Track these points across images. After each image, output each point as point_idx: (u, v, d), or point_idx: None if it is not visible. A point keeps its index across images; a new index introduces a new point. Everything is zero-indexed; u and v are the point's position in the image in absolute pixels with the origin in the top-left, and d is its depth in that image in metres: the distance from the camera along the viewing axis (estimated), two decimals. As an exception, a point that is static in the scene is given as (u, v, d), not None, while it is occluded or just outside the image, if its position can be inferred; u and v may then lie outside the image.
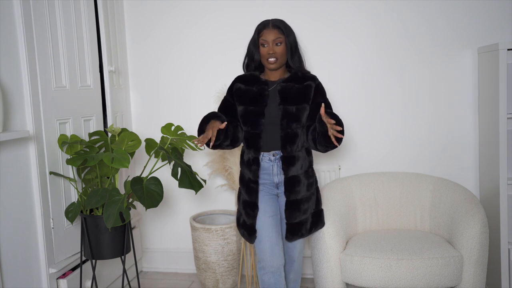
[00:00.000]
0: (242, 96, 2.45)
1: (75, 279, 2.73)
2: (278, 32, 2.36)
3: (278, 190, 2.48)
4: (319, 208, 2.56)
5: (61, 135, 2.68)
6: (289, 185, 2.42)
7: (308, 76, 2.44)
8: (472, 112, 3.16)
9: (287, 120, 2.37)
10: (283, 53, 2.38)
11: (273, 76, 2.45)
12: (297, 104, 2.37)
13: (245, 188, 2.49)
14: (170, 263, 3.62)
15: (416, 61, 3.20)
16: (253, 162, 2.44)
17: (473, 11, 3.10)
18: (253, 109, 2.40)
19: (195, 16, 3.43)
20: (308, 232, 2.51)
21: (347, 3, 3.23)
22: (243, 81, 2.48)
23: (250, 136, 2.42)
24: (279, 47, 2.36)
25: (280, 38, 2.35)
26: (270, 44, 2.35)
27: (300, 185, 2.43)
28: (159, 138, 2.94)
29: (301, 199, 2.44)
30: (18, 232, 2.45)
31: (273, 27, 2.37)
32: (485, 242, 2.58)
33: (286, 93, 2.39)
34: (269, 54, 2.36)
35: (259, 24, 2.42)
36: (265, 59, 2.39)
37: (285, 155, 2.40)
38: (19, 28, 2.46)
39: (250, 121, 2.41)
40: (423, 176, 3.03)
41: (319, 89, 2.43)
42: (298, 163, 2.41)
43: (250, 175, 2.45)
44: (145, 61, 3.54)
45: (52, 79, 2.67)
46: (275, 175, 2.44)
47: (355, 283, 2.58)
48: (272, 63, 2.37)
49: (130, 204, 2.67)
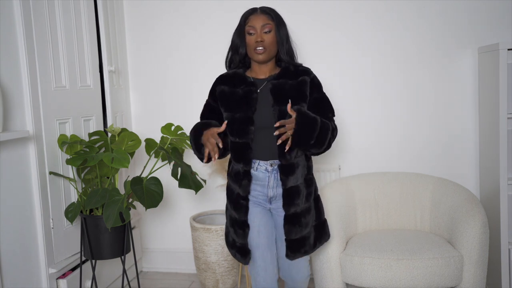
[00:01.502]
0: (226, 101, 2.14)
1: (75, 279, 2.73)
2: (267, 18, 2.09)
3: (270, 205, 2.20)
4: (322, 219, 2.28)
5: (61, 135, 2.68)
6: (288, 198, 2.14)
7: (302, 69, 2.17)
8: (472, 112, 3.16)
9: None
10: (273, 42, 2.09)
11: (261, 72, 2.16)
12: (293, 104, 2.07)
13: (233, 204, 2.20)
14: (170, 263, 3.62)
15: (416, 61, 3.20)
16: (243, 176, 2.14)
17: (473, 11, 3.10)
18: (240, 116, 2.09)
19: (195, 16, 3.42)
20: (311, 248, 2.23)
21: (347, 3, 3.23)
22: (226, 82, 2.17)
23: (238, 147, 2.11)
24: (268, 35, 2.08)
25: (269, 25, 2.08)
26: (258, 30, 2.07)
27: (300, 196, 2.15)
28: (159, 138, 2.95)
29: (301, 212, 2.17)
30: (18, 232, 2.45)
31: (261, 12, 2.10)
32: (485, 242, 2.58)
33: (279, 91, 2.10)
34: (256, 42, 2.06)
35: (245, 12, 2.15)
36: (252, 49, 2.09)
37: (284, 163, 2.10)
38: (19, 28, 2.45)
39: (237, 130, 2.09)
40: (423, 176, 3.02)
41: (315, 83, 2.17)
42: (297, 171, 2.14)
43: (240, 190, 2.17)
44: (145, 61, 3.54)
45: (52, 79, 2.67)
46: (270, 188, 2.16)
47: (355, 283, 2.58)
48: (260, 53, 2.07)
49: (130, 204, 2.67)
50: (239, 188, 2.17)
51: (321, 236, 2.28)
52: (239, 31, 2.13)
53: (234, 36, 2.17)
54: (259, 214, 2.21)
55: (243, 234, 2.20)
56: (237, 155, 2.13)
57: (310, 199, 2.22)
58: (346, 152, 3.32)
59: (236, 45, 2.15)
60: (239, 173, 2.16)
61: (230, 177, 2.23)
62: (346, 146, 3.31)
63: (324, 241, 2.30)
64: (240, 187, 2.16)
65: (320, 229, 2.27)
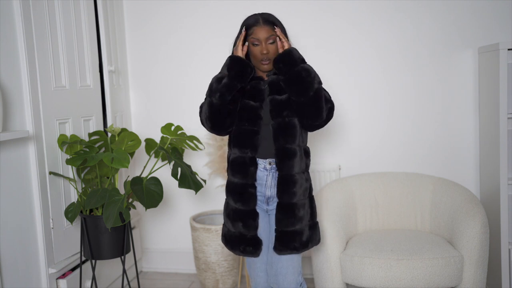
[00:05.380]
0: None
1: (74, 279, 2.73)
2: (270, 29, 2.14)
3: (268, 206, 2.22)
4: (315, 220, 2.26)
5: (61, 135, 2.68)
6: (284, 184, 2.14)
7: None
8: (472, 112, 3.16)
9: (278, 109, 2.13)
10: (276, 52, 2.15)
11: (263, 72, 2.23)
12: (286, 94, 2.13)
13: (238, 196, 2.19)
14: (170, 263, 3.62)
15: (416, 61, 3.20)
16: (250, 163, 2.16)
17: (473, 11, 3.10)
18: (251, 104, 2.15)
19: (195, 16, 3.42)
20: (303, 247, 2.17)
21: (347, 4, 3.23)
22: None
23: (247, 133, 2.15)
24: (272, 46, 2.14)
25: (273, 36, 2.14)
26: (263, 43, 2.13)
27: (296, 186, 2.14)
28: (159, 138, 2.94)
29: (296, 203, 2.15)
30: (18, 232, 2.44)
31: (264, 23, 2.14)
32: (485, 242, 2.57)
33: (275, 84, 2.16)
34: (262, 54, 2.13)
35: (246, 19, 2.19)
36: (258, 60, 2.16)
37: (278, 146, 2.13)
38: (18, 28, 2.45)
39: (247, 117, 2.15)
40: (423, 176, 3.02)
41: None
42: (295, 159, 2.14)
43: (246, 179, 2.17)
44: (145, 61, 3.54)
45: (51, 79, 2.67)
46: (268, 187, 2.18)
47: (355, 283, 2.58)
48: (265, 64, 2.15)
49: (130, 204, 2.67)
50: (246, 176, 2.16)
51: (312, 237, 2.22)
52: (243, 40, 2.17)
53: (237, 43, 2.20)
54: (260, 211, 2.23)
55: (254, 224, 2.19)
56: (245, 141, 2.15)
57: (306, 195, 2.20)
58: (346, 152, 3.32)
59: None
60: (244, 161, 2.16)
61: (232, 169, 2.21)
62: (346, 146, 3.31)
63: (314, 245, 2.25)
64: (246, 175, 2.16)
65: (313, 230, 2.23)
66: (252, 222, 2.19)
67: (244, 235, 2.21)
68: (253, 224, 2.20)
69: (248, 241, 2.21)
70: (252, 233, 2.20)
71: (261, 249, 2.22)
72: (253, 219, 2.19)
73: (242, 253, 2.23)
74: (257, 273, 2.25)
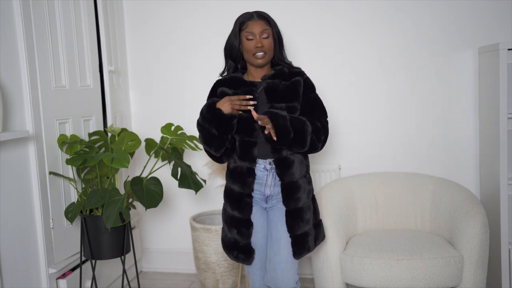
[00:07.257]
0: None
1: (74, 279, 2.73)
2: (265, 24, 2.12)
3: (267, 204, 2.24)
4: (318, 219, 2.32)
5: (61, 135, 2.68)
6: (288, 192, 2.17)
7: (296, 71, 2.21)
8: (472, 112, 3.16)
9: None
10: (271, 47, 2.14)
11: (258, 76, 2.20)
12: (286, 102, 2.14)
13: (235, 204, 2.23)
14: (170, 263, 3.62)
15: (416, 61, 3.20)
16: (248, 174, 2.18)
17: (473, 11, 3.10)
18: (246, 115, 2.13)
19: (195, 16, 3.42)
20: (313, 246, 2.26)
21: (347, 4, 3.22)
22: (225, 85, 2.21)
23: (245, 145, 2.17)
24: (267, 40, 2.11)
25: (267, 30, 2.12)
26: (257, 36, 2.10)
27: (300, 191, 2.18)
28: (159, 138, 2.94)
29: (302, 207, 2.20)
30: (18, 232, 2.44)
31: (258, 18, 2.13)
32: (485, 242, 2.57)
33: (273, 90, 2.15)
34: (256, 48, 2.10)
35: (239, 17, 2.18)
36: (251, 54, 2.12)
37: (277, 157, 2.15)
38: (18, 28, 2.45)
39: (243, 128, 2.14)
40: (423, 176, 3.02)
41: (308, 83, 2.20)
42: (294, 167, 2.16)
43: (243, 189, 2.20)
44: (145, 61, 3.54)
45: (51, 79, 2.67)
46: (268, 187, 2.20)
47: (355, 283, 2.58)
48: (260, 58, 2.11)
49: (130, 204, 2.67)
50: (244, 186, 2.20)
51: (318, 235, 2.30)
52: (236, 36, 2.16)
53: (230, 41, 2.19)
54: (257, 214, 2.25)
55: (248, 233, 2.23)
56: (243, 153, 2.18)
57: (310, 197, 2.25)
58: (346, 152, 3.32)
59: (232, 49, 2.18)
60: (242, 171, 2.19)
61: (231, 177, 2.25)
62: (346, 146, 3.31)
63: (320, 241, 2.32)
64: (244, 185, 2.20)
65: (318, 228, 2.30)
66: (246, 230, 2.23)
67: (238, 242, 2.26)
68: (247, 232, 2.23)
69: (241, 248, 2.25)
70: (244, 241, 2.24)
71: (253, 258, 2.26)
72: (247, 228, 2.23)
73: (236, 259, 2.29)
74: (254, 271, 2.31)
